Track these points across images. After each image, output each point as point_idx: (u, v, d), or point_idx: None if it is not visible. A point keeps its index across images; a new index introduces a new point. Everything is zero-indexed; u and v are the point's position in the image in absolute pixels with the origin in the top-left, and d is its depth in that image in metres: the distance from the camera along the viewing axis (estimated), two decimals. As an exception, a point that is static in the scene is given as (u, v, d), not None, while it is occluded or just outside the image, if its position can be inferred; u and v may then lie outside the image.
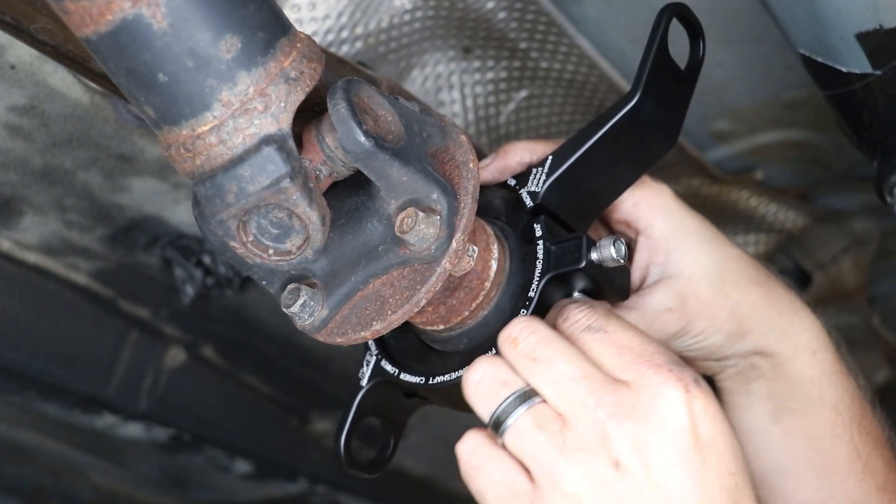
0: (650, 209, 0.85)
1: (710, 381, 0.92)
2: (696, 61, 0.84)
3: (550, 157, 0.81)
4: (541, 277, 0.75)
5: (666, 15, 0.80)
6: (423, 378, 0.76)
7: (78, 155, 1.09)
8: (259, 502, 1.74)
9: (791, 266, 1.61)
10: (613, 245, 0.74)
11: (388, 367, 0.79)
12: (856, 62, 0.85)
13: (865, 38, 0.82)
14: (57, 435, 1.48)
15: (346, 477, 1.72)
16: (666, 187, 0.87)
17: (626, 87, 1.27)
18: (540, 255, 0.76)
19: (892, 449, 0.91)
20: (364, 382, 0.80)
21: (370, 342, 0.80)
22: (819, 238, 1.58)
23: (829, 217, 1.55)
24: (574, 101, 1.30)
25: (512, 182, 0.82)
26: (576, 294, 0.77)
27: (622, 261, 0.75)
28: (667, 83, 0.80)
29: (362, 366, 0.80)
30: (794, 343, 0.87)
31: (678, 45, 0.83)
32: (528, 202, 0.80)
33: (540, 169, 0.80)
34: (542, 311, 0.75)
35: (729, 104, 1.31)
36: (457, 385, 0.73)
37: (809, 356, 0.88)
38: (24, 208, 1.13)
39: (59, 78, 1.00)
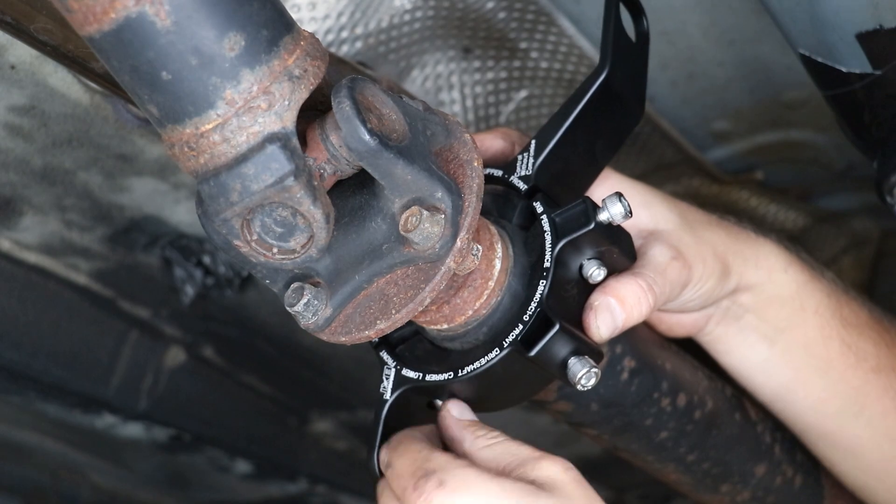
0: (599, 185, 0.87)
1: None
2: (642, 34, 0.88)
3: (534, 141, 0.82)
4: (552, 247, 0.75)
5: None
6: (451, 373, 0.76)
7: (78, 155, 1.09)
8: (259, 502, 1.74)
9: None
10: (620, 201, 0.75)
11: (411, 374, 0.78)
12: (856, 62, 0.85)
13: (865, 38, 0.82)
14: (57, 435, 1.48)
15: (346, 477, 1.72)
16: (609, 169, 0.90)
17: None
18: (546, 227, 0.76)
19: (878, 323, 0.97)
20: (388, 395, 0.78)
21: (385, 356, 0.79)
22: (819, 238, 1.58)
23: (829, 217, 1.55)
24: (574, 101, 1.30)
25: (499, 173, 0.82)
26: (588, 264, 0.78)
27: (630, 214, 0.75)
28: (627, 55, 0.85)
29: (382, 381, 0.79)
30: (766, 267, 0.91)
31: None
32: (522, 186, 0.80)
33: (525, 154, 0.81)
34: (560, 279, 0.75)
35: (729, 104, 1.31)
36: (486, 372, 0.73)
37: (782, 275, 0.92)
38: (24, 208, 1.13)
39: (59, 78, 1.00)
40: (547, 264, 0.75)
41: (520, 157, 0.82)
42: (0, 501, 1.60)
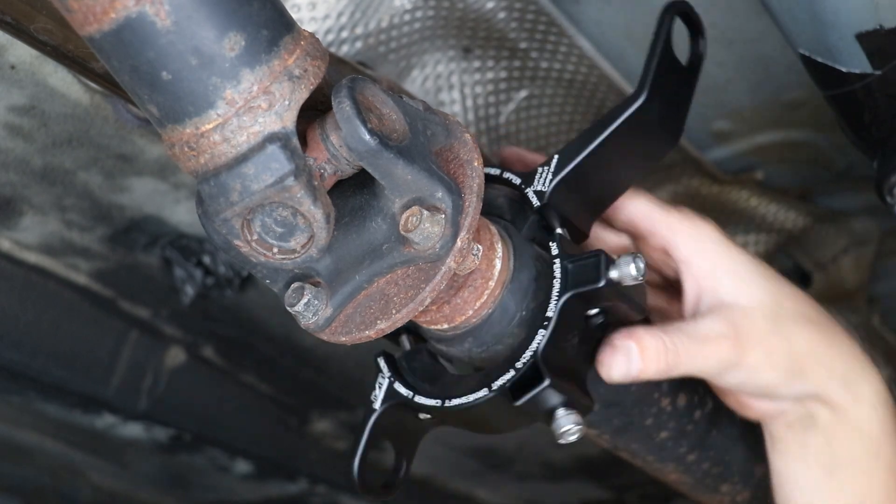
0: (693, 237, 0.83)
1: (760, 428, 0.90)
2: (697, 58, 0.84)
3: (556, 157, 0.80)
4: (559, 297, 0.74)
5: (669, 13, 0.81)
6: (440, 400, 0.76)
7: (78, 155, 1.09)
8: (259, 502, 1.74)
9: (791, 266, 1.61)
10: (633, 262, 0.73)
11: (403, 391, 0.78)
12: (856, 62, 0.85)
13: (865, 38, 0.82)
14: (57, 435, 1.48)
15: (346, 477, 1.72)
16: (708, 220, 0.85)
17: (625, 87, 1.27)
18: (557, 273, 0.75)
19: None
20: (377, 405, 0.79)
21: (382, 364, 0.80)
22: (819, 238, 1.58)
23: (829, 217, 1.55)
24: (574, 101, 1.30)
25: (517, 181, 0.81)
26: (593, 315, 0.76)
27: (641, 278, 0.73)
28: (670, 80, 0.81)
29: (374, 388, 0.79)
30: (855, 393, 0.83)
31: (677, 44, 0.84)
32: (535, 201, 0.79)
33: (546, 168, 0.80)
34: (561, 329, 0.74)
35: (729, 104, 1.31)
36: (473, 407, 0.73)
37: (870, 410, 0.84)
38: (24, 208, 1.13)
39: (59, 78, 1.00)
40: (550, 313, 0.74)
41: (539, 170, 0.80)
42: (0, 501, 1.61)
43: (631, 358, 0.77)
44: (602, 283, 0.73)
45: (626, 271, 0.73)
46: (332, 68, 0.68)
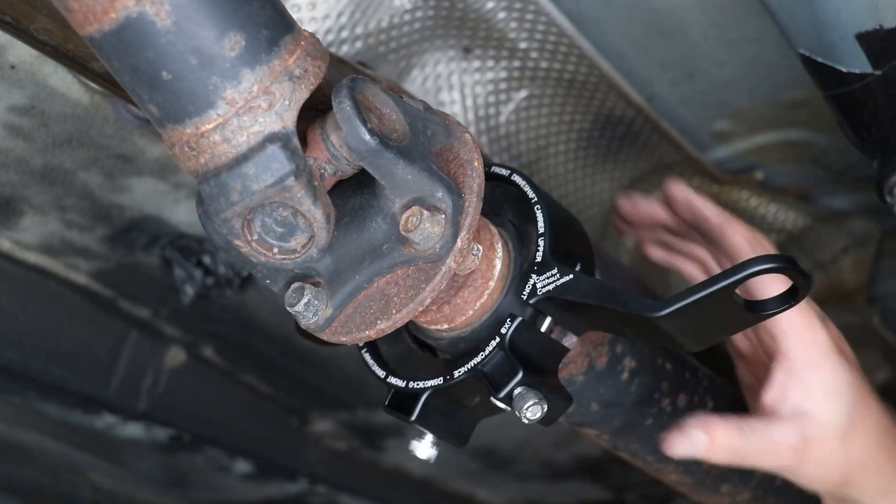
0: (801, 337, 0.83)
1: None
2: (770, 310, 0.68)
3: (571, 277, 0.72)
4: (468, 371, 0.72)
5: (756, 269, 0.65)
6: (404, 381, 0.76)
7: (78, 155, 1.09)
8: (259, 502, 1.74)
9: (791, 266, 1.60)
10: (530, 406, 0.70)
11: (378, 371, 0.77)
12: (856, 62, 0.85)
13: (865, 38, 0.82)
14: (57, 435, 1.48)
15: (346, 477, 1.72)
16: (823, 321, 0.84)
17: (626, 87, 1.27)
18: (489, 349, 0.72)
19: None
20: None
21: (368, 361, 0.80)
22: (819, 238, 1.58)
23: (829, 217, 1.55)
24: (574, 101, 1.30)
25: (539, 257, 0.74)
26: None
27: (526, 420, 0.70)
28: (713, 313, 0.68)
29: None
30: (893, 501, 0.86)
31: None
32: (527, 291, 0.74)
33: (557, 277, 0.73)
34: (460, 390, 0.73)
35: (729, 104, 1.31)
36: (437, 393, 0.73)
37: None
38: (24, 208, 1.13)
39: (59, 78, 1.00)
40: (456, 373, 0.73)
41: (553, 273, 0.73)
42: (0, 501, 1.61)
43: (696, 444, 0.79)
44: (499, 395, 0.70)
45: (522, 404, 0.70)
46: (332, 68, 0.68)
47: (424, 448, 0.76)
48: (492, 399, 0.72)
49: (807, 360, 0.83)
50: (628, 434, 0.91)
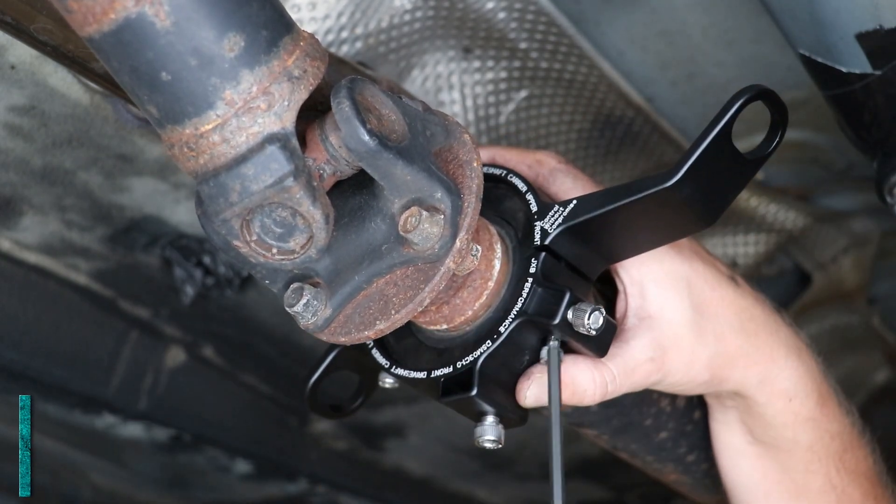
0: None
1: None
2: (765, 151, 0.75)
3: (574, 202, 0.76)
4: (514, 317, 0.74)
5: (742, 97, 0.72)
6: (389, 363, 0.79)
7: (78, 155, 1.09)
8: (259, 502, 1.74)
9: (791, 266, 1.61)
10: (592, 313, 0.73)
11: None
12: (856, 62, 0.85)
13: (865, 38, 0.82)
14: (57, 435, 1.48)
15: (346, 477, 1.72)
16: None
17: (626, 87, 1.27)
18: (525, 292, 0.75)
19: (874, 476, 0.93)
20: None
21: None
22: (819, 238, 1.58)
23: (829, 217, 1.55)
24: (574, 101, 1.30)
25: (534, 207, 0.78)
26: (551, 344, 0.75)
27: (593, 332, 0.73)
28: (719, 168, 0.72)
29: None
30: (769, 391, 0.87)
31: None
32: (538, 238, 0.77)
33: (561, 209, 0.76)
34: (510, 346, 0.74)
35: (729, 104, 1.31)
36: (412, 381, 0.76)
37: (784, 403, 0.87)
38: (24, 208, 1.13)
39: (59, 78, 1.00)
40: (502, 328, 0.74)
41: (556, 208, 0.77)
42: (0, 501, 1.60)
43: (574, 399, 0.79)
44: (556, 321, 0.73)
45: (582, 320, 0.73)
46: (332, 68, 0.69)
47: (490, 429, 0.75)
48: (551, 330, 0.73)
49: (636, 264, 0.82)
50: (628, 434, 0.91)
